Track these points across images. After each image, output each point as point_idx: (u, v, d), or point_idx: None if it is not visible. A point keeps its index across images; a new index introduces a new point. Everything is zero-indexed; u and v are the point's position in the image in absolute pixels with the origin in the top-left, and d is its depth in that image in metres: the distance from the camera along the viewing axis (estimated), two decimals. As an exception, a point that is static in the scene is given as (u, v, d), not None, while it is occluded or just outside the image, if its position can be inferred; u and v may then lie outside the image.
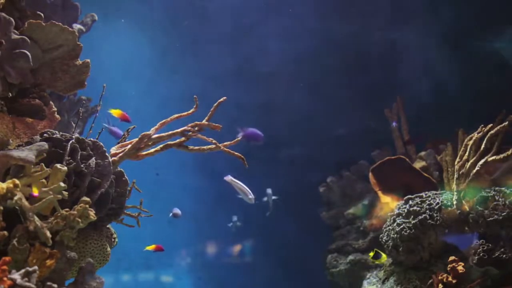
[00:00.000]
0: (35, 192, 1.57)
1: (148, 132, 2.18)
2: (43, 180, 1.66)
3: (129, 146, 2.17)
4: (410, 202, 3.09)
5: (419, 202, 3.05)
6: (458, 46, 3.94)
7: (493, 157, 2.95)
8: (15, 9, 2.07)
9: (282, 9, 4.50)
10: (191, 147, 2.25)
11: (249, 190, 3.35)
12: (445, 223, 2.96)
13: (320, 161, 4.55)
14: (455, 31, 3.90)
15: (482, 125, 3.08)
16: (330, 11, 4.33)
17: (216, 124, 2.23)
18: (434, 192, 3.17)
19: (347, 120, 4.54)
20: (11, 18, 1.89)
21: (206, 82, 4.69)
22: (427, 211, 2.98)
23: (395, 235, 3.07)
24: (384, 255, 3.15)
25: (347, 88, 4.40)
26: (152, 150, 2.22)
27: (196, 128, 2.22)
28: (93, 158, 1.96)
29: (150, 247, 2.86)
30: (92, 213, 1.68)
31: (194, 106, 2.25)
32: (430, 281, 2.78)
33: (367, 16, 4.29)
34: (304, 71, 4.59)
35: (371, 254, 3.19)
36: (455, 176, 3.08)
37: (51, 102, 2.28)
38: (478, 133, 3.06)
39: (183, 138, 2.23)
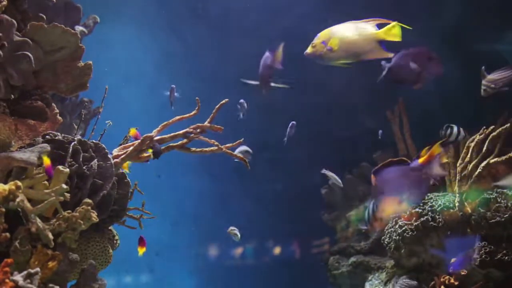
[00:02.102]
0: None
1: (150, 134, 2.18)
2: (45, 182, 1.67)
3: (131, 148, 2.18)
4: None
5: (421, 204, 3.05)
6: (459, 47, 3.94)
7: (495, 159, 2.95)
8: (18, 11, 2.08)
9: (282, 11, 4.50)
10: (193, 149, 2.26)
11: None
12: (447, 225, 2.96)
13: (322, 163, 4.54)
14: (457, 32, 3.89)
15: (484, 127, 3.08)
16: (330, 12, 4.33)
17: (218, 126, 2.23)
18: (436, 194, 3.16)
19: (349, 122, 4.54)
20: (14, 20, 1.89)
21: (208, 84, 4.70)
22: (429, 213, 2.98)
23: (397, 237, 3.06)
24: None
25: (348, 89, 4.40)
26: (154, 152, 2.22)
27: (198, 130, 2.22)
28: (95, 160, 1.96)
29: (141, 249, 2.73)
30: (94, 215, 1.68)
31: (196, 108, 2.25)
32: (432, 283, 2.78)
33: (367, 16, 4.29)
34: (305, 72, 4.59)
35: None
36: (457, 178, 3.08)
37: (53, 104, 2.28)
38: (480, 135, 3.06)
39: (185, 140, 2.24)
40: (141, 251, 2.47)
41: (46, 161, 1.63)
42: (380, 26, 2.57)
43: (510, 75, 2.66)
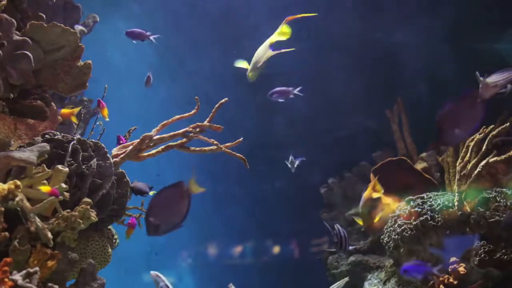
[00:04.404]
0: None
1: (149, 133, 2.18)
2: (45, 181, 1.67)
3: (131, 147, 2.18)
4: (412, 203, 3.09)
5: (420, 203, 3.05)
6: (459, 47, 3.94)
7: (494, 158, 2.95)
8: (17, 10, 2.08)
9: (282, 10, 4.50)
10: (192, 148, 2.26)
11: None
12: (446, 224, 2.96)
13: (321, 162, 4.55)
14: (456, 31, 3.90)
15: (484, 126, 3.08)
16: (330, 12, 4.33)
17: (218, 125, 2.24)
18: (435, 193, 3.16)
19: (348, 121, 4.54)
20: (13, 20, 1.89)
21: (207, 83, 4.70)
22: (429, 212, 2.98)
23: (396, 236, 3.06)
24: None
25: (348, 88, 4.40)
26: (154, 151, 2.22)
27: (198, 129, 2.22)
28: (95, 159, 1.96)
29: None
30: (93, 214, 1.69)
31: (196, 107, 2.25)
32: (431, 282, 2.78)
33: (367, 16, 4.29)
34: (304, 71, 4.59)
35: None
36: (457, 177, 3.08)
37: (52, 103, 2.28)
38: (479, 134, 3.06)
39: (184, 139, 2.24)
40: (129, 234, 2.46)
41: (46, 188, 1.62)
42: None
43: (507, 77, 2.66)
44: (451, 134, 2.59)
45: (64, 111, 2.39)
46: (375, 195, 2.96)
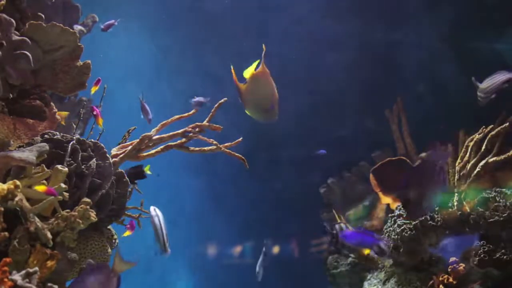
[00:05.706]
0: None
1: (149, 133, 2.18)
2: (44, 181, 1.66)
3: (130, 147, 2.18)
4: (411, 203, 3.09)
5: (420, 203, 3.05)
6: (459, 47, 3.94)
7: (494, 158, 2.95)
8: (16, 10, 2.07)
9: (282, 10, 4.50)
10: (192, 148, 2.26)
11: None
12: (446, 224, 2.96)
13: (320, 162, 4.55)
14: (456, 31, 3.90)
15: (483, 126, 3.08)
16: (329, 12, 4.33)
17: (217, 125, 2.24)
18: (435, 193, 3.17)
19: (347, 121, 4.54)
20: (12, 19, 1.89)
21: (207, 83, 4.69)
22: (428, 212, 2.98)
23: (396, 236, 3.06)
24: None
25: (347, 88, 4.40)
26: (153, 151, 2.22)
27: (197, 129, 2.22)
28: (94, 159, 1.96)
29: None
30: (93, 214, 1.68)
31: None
32: (431, 282, 2.78)
33: (367, 16, 4.29)
34: (304, 71, 4.59)
35: None
36: (456, 177, 3.08)
37: (52, 103, 2.28)
38: (478, 134, 3.06)
39: (184, 139, 2.23)
40: (126, 233, 2.46)
41: (42, 188, 1.61)
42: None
43: (498, 80, 2.68)
44: (418, 209, 2.62)
45: None
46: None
